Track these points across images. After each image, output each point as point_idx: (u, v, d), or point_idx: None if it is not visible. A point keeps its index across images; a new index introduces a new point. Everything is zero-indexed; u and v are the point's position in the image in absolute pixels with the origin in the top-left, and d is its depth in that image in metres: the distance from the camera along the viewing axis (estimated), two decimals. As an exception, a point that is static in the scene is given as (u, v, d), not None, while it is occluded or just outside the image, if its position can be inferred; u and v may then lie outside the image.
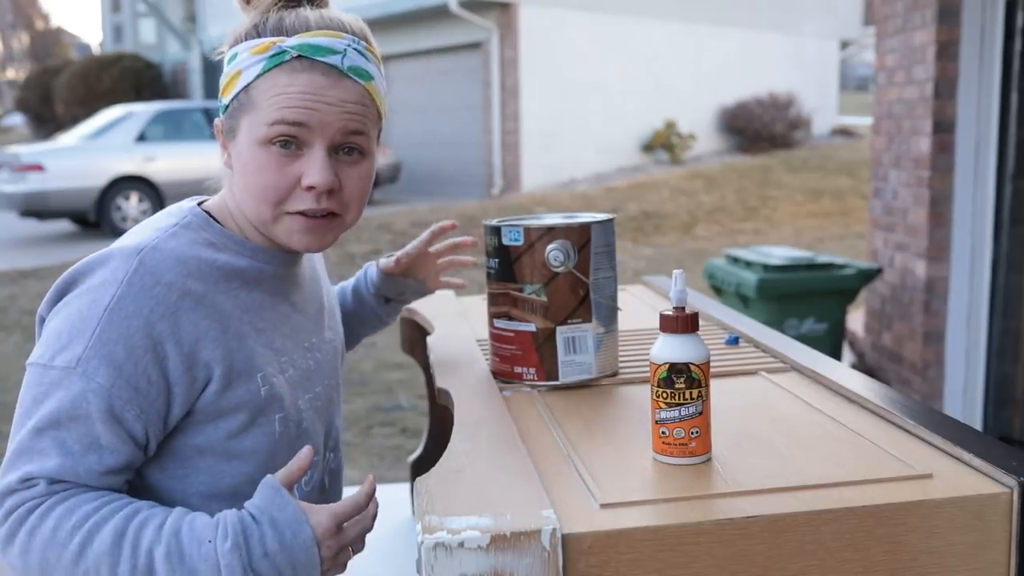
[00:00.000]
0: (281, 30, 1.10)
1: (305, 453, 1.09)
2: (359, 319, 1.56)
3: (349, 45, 1.11)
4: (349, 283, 1.58)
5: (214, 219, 1.15)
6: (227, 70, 1.12)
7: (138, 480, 1.09)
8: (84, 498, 1.02)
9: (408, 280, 1.53)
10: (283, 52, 1.08)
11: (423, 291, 1.57)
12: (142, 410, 1.03)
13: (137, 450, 1.05)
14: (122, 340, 1.01)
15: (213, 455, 1.10)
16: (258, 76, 1.08)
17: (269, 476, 1.06)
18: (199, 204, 1.19)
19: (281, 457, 1.14)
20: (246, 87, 1.09)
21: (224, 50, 1.16)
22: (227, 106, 1.12)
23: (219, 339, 1.07)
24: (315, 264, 1.34)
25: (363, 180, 1.14)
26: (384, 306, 1.55)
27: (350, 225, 1.17)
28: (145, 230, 1.11)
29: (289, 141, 1.08)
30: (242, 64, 1.10)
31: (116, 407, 1.01)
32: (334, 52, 1.10)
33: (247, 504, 1.05)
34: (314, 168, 1.09)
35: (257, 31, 1.11)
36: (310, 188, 1.09)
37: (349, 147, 1.12)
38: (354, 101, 1.11)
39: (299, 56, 1.08)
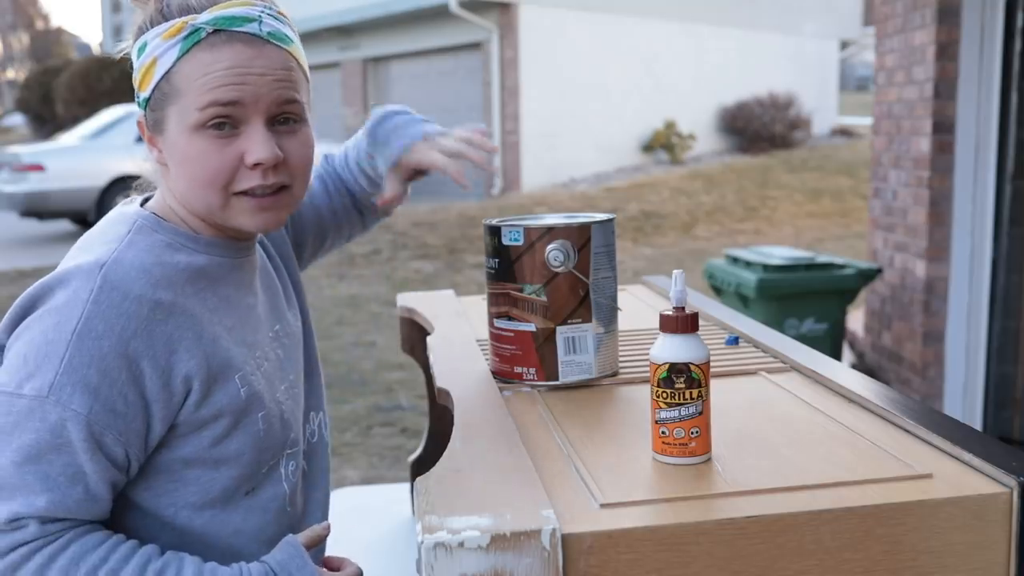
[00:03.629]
0: (188, 8, 1.04)
1: (325, 525, 1.13)
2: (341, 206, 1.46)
3: (263, 11, 1.07)
4: (350, 157, 1.44)
5: (161, 219, 1.10)
6: (139, 62, 1.07)
7: (126, 501, 1.06)
8: (86, 544, 0.98)
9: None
10: (198, 30, 1.03)
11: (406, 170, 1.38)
12: (121, 432, 0.99)
13: (120, 473, 1.02)
14: (95, 363, 0.97)
15: (200, 465, 1.07)
16: (177, 60, 1.03)
17: (291, 536, 1.09)
18: (141, 205, 1.14)
19: (267, 454, 1.13)
20: (166, 75, 1.04)
21: (128, 44, 1.10)
22: (148, 99, 1.06)
23: (194, 347, 1.04)
24: (264, 242, 1.29)
25: (305, 147, 1.11)
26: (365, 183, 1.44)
27: (300, 197, 1.14)
28: (98, 243, 1.06)
29: (224, 122, 1.04)
30: (155, 51, 1.04)
31: (96, 433, 0.97)
32: (250, 20, 1.05)
33: (268, 559, 1.06)
34: (256, 144, 1.05)
35: (163, 15, 1.05)
36: (256, 165, 1.06)
37: (284, 116, 1.08)
38: (281, 67, 1.07)
39: (215, 31, 1.03)
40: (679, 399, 1.02)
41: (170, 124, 1.05)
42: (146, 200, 1.16)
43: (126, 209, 1.12)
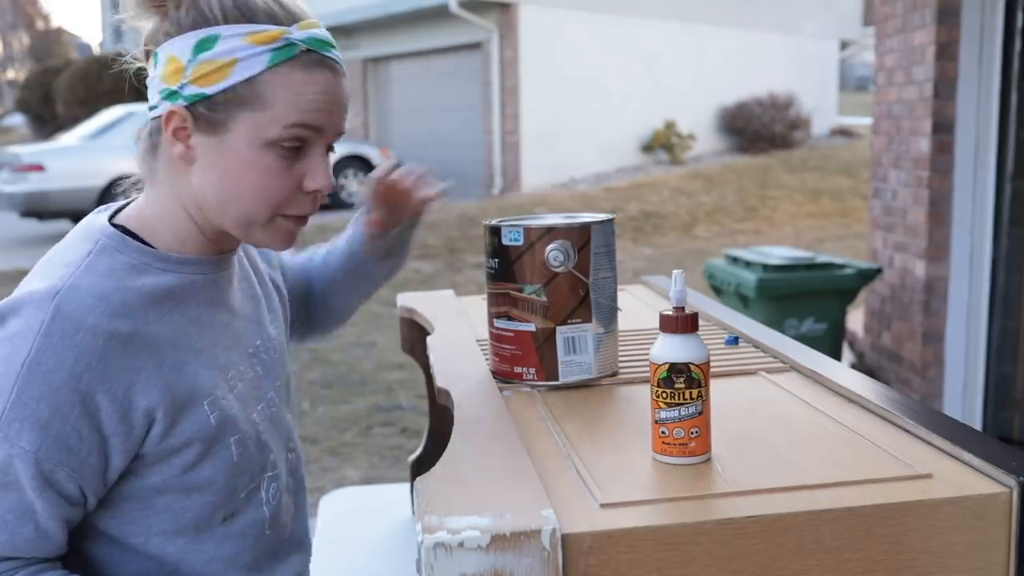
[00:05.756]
0: (275, 17, 1.00)
1: None
2: (360, 278, 1.44)
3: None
4: (339, 246, 1.44)
5: (131, 234, 1.04)
6: (206, 55, 0.98)
7: (93, 530, 1.03)
8: None
9: (394, 231, 1.41)
10: (292, 45, 0.99)
11: (413, 225, 1.44)
12: (73, 469, 0.94)
13: (73, 509, 0.98)
14: (45, 398, 0.92)
15: (170, 493, 1.03)
16: (266, 69, 0.98)
17: None
18: (111, 217, 1.08)
19: (244, 478, 1.09)
20: (248, 80, 0.98)
21: (177, 29, 1.01)
22: (208, 96, 0.99)
23: (154, 377, 0.99)
24: (247, 250, 1.24)
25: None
26: (386, 261, 1.44)
27: None
28: (56, 266, 1.00)
29: (298, 144, 1.02)
30: (236, 52, 0.98)
31: (45, 471, 0.93)
32: (333, 46, 1.04)
33: None
34: (319, 172, 1.03)
35: (244, 15, 0.99)
36: (313, 191, 1.04)
37: (330, 146, 1.07)
38: (346, 97, 1.05)
39: (308, 50, 1.00)
40: (679, 399, 1.02)
41: (237, 129, 1.00)
42: (120, 209, 1.11)
43: (93, 222, 1.06)
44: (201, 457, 1.03)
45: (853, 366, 4.48)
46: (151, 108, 1.04)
